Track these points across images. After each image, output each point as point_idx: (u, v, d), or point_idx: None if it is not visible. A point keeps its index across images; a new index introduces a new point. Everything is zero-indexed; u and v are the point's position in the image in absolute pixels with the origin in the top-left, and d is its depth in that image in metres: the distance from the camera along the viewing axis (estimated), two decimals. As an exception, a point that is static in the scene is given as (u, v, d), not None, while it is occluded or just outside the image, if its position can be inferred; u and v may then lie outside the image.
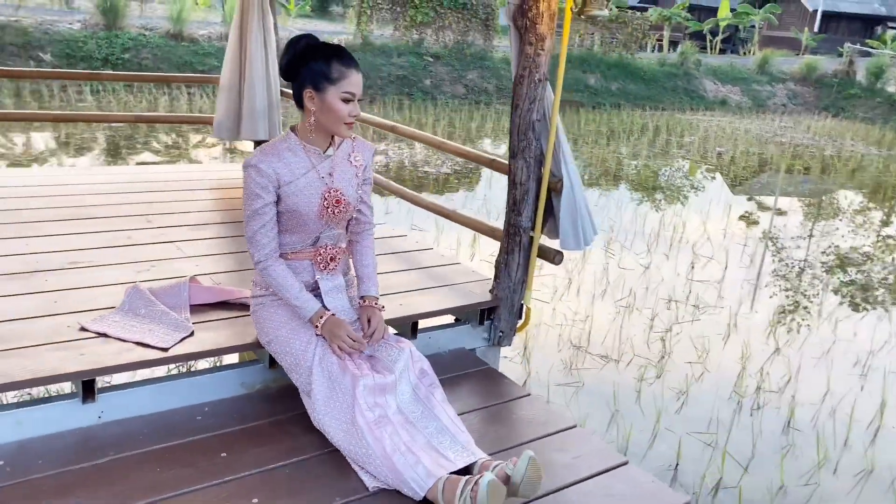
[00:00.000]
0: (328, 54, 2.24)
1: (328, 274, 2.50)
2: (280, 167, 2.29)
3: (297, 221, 2.37)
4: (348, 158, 2.49)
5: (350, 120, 2.30)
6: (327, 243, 2.48)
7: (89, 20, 16.72)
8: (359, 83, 2.29)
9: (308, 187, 2.34)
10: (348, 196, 2.44)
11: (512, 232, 3.15)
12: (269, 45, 5.00)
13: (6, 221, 3.62)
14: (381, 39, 20.12)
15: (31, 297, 2.76)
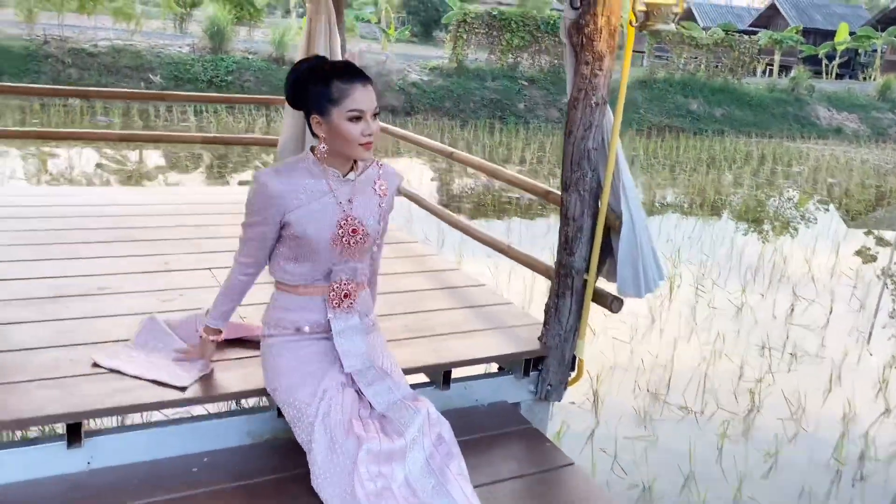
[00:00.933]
0: (327, 75, 2.03)
1: (341, 312, 2.24)
2: (289, 191, 2.09)
3: (307, 249, 2.14)
4: (373, 186, 2.25)
5: (364, 140, 2.07)
6: (342, 277, 2.21)
7: (197, 44, 17.49)
8: (366, 98, 2.04)
9: (322, 212, 2.12)
10: (368, 226, 2.19)
11: (563, 273, 2.80)
12: (335, 67, 4.85)
13: (44, 242, 3.58)
14: (475, 63, 20.06)
15: (46, 325, 2.64)
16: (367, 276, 2.36)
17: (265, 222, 2.12)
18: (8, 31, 15.99)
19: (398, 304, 3.20)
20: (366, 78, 2.06)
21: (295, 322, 2.23)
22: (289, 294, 2.24)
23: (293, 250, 2.17)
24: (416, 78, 18.43)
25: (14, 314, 2.71)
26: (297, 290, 2.23)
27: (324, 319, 2.24)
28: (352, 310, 2.26)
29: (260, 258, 2.23)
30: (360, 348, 2.24)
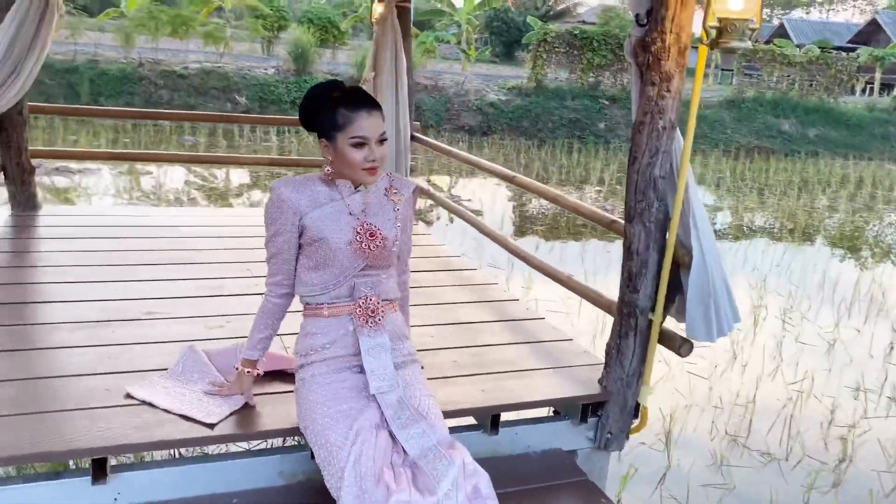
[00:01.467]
0: (334, 102, 2.06)
1: (370, 330, 2.14)
2: (301, 197, 2.13)
3: (326, 253, 2.11)
4: (385, 193, 2.23)
5: (367, 165, 2.08)
6: (366, 293, 2.16)
7: (282, 66, 17.97)
8: (370, 125, 2.06)
9: (336, 215, 2.13)
10: (385, 231, 2.15)
11: (626, 312, 2.57)
12: (401, 89, 4.77)
13: (102, 263, 3.60)
14: (555, 83, 19.82)
15: (88, 350, 2.61)
16: (395, 296, 2.27)
17: (284, 231, 2.12)
18: (107, 55, 16.86)
19: (449, 337, 3.04)
20: (372, 105, 2.08)
21: (323, 346, 2.14)
22: (315, 318, 2.18)
23: (312, 258, 2.14)
24: (494, 97, 18.34)
25: (61, 338, 2.69)
26: (323, 313, 2.16)
27: (352, 340, 2.14)
28: (379, 327, 2.16)
29: (288, 275, 2.19)
30: (388, 368, 2.12)
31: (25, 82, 3.89)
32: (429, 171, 12.67)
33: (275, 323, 2.27)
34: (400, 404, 2.08)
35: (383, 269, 2.21)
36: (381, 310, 2.17)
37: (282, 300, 2.23)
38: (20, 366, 2.45)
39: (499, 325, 3.24)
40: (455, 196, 10.58)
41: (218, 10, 22.36)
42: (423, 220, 8.30)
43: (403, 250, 2.33)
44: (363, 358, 2.11)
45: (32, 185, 4.32)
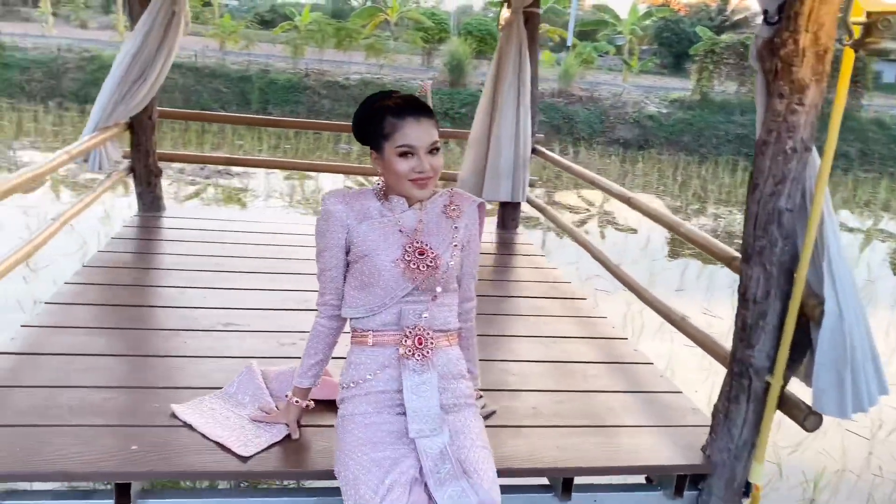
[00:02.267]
0: (381, 110, 1.90)
1: (416, 364, 1.90)
2: (350, 211, 1.97)
3: (371, 271, 1.92)
4: (443, 210, 2.02)
5: (415, 176, 1.89)
6: (415, 322, 1.92)
7: (438, 77, 18.18)
8: (417, 133, 1.87)
9: (384, 231, 1.95)
10: (437, 250, 1.94)
11: (738, 371, 2.12)
12: (524, 98, 4.48)
13: (194, 268, 3.58)
14: (722, 96, 18.57)
15: (157, 362, 2.54)
16: (452, 328, 2.02)
17: (332, 245, 1.97)
18: (277, 65, 17.87)
19: (531, 378, 2.70)
20: (422, 112, 1.89)
21: (365, 379, 1.93)
22: (360, 347, 1.98)
23: (358, 276, 1.95)
24: (654, 110, 17.46)
25: (137, 345, 2.65)
26: (368, 341, 1.95)
27: (397, 374, 1.91)
28: (427, 362, 1.91)
29: (337, 294, 2.03)
30: (432, 409, 1.86)
31: (152, 87, 4.02)
32: (575, 185, 12.21)
33: (326, 349, 2.09)
34: (442, 455, 1.81)
35: (438, 295, 1.96)
36: (432, 342, 1.93)
37: (331, 322, 2.06)
38: (73, 372, 2.42)
39: (598, 367, 2.86)
40: (607, 213, 10.06)
41: (384, 24, 23.14)
42: (525, 235, 7.92)
43: (465, 274, 2.09)
44: (405, 396, 1.87)
45: (158, 187, 4.47)
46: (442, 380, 1.95)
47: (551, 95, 17.37)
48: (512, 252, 4.47)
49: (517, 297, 3.63)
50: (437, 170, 1.92)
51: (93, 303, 3.01)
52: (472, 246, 2.08)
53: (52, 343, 2.60)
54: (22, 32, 19.65)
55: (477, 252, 2.11)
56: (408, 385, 1.88)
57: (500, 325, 3.21)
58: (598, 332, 3.24)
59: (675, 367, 4.48)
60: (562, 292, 3.74)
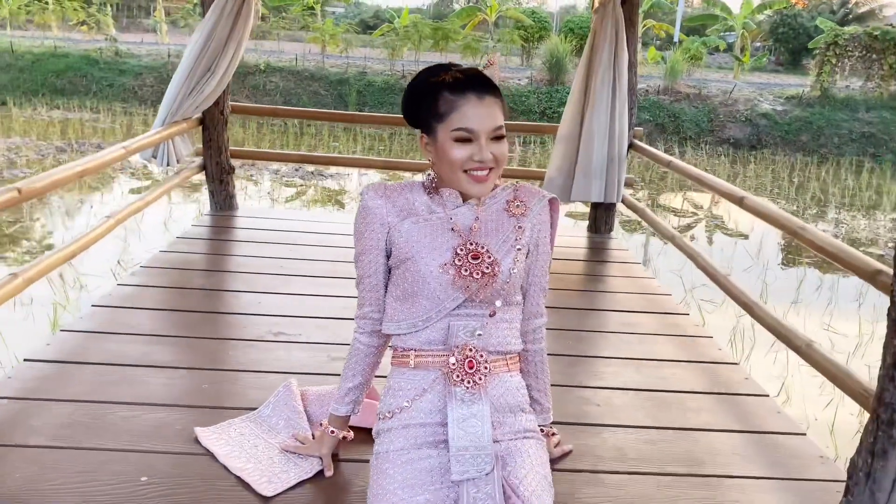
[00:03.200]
0: (437, 85, 1.56)
1: (465, 392, 1.54)
2: (392, 206, 1.65)
3: (415, 278, 1.59)
4: (505, 207, 1.68)
5: (473, 166, 1.55)
6: (465, 340, 1.57)
7: (536, 76, 17.72)
8: (480, 115, 1.53)
9: (432, 230, 1.61)
10: (496, 254, 1.59)
11: (886, 419, 1.63)
12: (619, 88, 4.02)
13: (253, 270, 3.35)
14: (846, 91, 17.14)
15: (186, 374, 2.29)
16: (513, 349, 1.66)
17: (371, 248, 1.66)
18: (374, 67, 17.92)
19: (618, 410, 2.27)
20: (486, 89, 1.55)
21: (403, 407, 1.60)
22: (401, 369, 1.64)
23: (400, 284, 1.63)
24: (768, 108, 16.30)
25: (175, 356, 2.42)
26: (409, 361, 1.62)
27: (440, 403, 1.56)
28: (479, 391, 1.54)
29: (377, 306, 1.70)
30: (483, 448, 1.49)
31: (222, 80, 3.84)
32: (680, 187, 11.46)
33: (367, 370, 1.77)
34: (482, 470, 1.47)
35: (497, 310, 1.60)
36: (486, 366, 1.57)
37: (372, 339, 1.73)
38: (102, 384, 2.20)
39: (701, 399, 2.40)
40: (716, 217, 9.33)
41: (482, 24, 22.84)
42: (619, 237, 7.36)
43: (532, 285, 1.71)
44: (449, 431, 1.51)
45: (231, 185, 4.30)
46: (496, 413, 1.59)
47: (656, 93, 16.55)
48: (603, 259, 4.01)
49: (606, 310, 3.20)
50: (501, 161, 1.57)
51: (140, 306, 2.81)
52: (542, 251, 1.70)
53: (86, 352, 2.40)
54: (139, 41, 20.67)
55: (547, 259, 1.72)
56: (453, 418, 1.52)
57: (584, 344, 2.79)
58: (703, 354, 2.77)
59: (791, 392, 3.90)
60: (660, 306, 3.27)
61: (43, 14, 19.62)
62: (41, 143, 11.70)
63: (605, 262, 3.96)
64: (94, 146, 11.40)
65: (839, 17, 28.62)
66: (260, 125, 15.06)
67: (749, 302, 2.77)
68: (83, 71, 17.12)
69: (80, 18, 19.57)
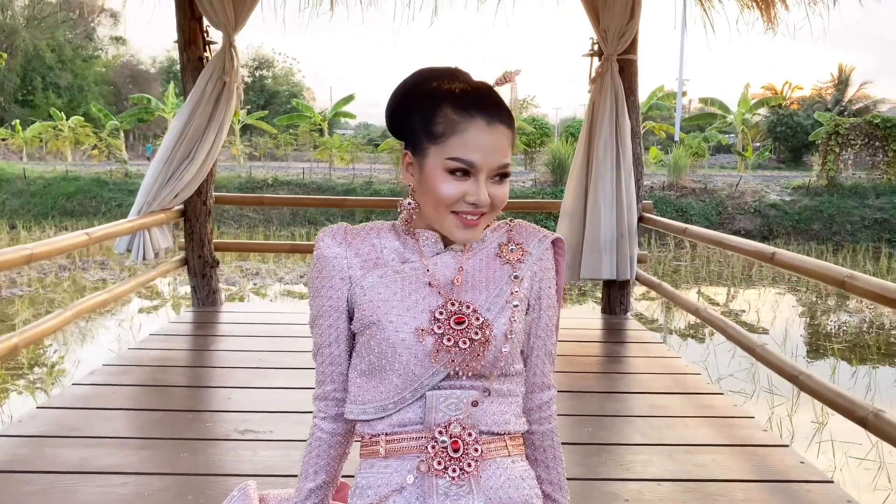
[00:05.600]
0: (439, 95, 1.20)
1: (450, 485, 1.17)
2: (355, 252, 1.28)
3: (384, 350, 1.21)
4: (497, 253, 1.28)
5: (465, 209, 1.19)
6: (448, 416, 1.20)
7: (540, 178, 17.86)
8: (485, 145, 1.17)
9: (404, 285, 1.24)
10: (485, 315, 1.21)
11: None
12: (624, 158, 3.78)
13: (225, 364, 3.02)
14: (852, 179, 17.08)
15: (130, 481, 1.90)
16: (511, 429, 1.26)
17: (329, 310, 1.28)
18: (380, 177, 18.15)
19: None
20: (499, 116, 1.19)
21: None
22: (370, 461, 1.25)
23: (364, 356, 1.24)
24: (776, 198, 16.20)
25: (125, 462, 2.04)
26: (379, 449, 1.23)
27: (418, 499, 1.18)
28: (467, 482, 1.17)
29: (341, 383, 1.31)
30: None
31: (202, 167, 3.62)
32: (694, 278, 11.11)
33: (331, 464, 1.35)
34: None
35: (491, 387, 1.23)
36: (477, 447, 1.19)
37: (336, 426, 1.32)
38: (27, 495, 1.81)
39: (749, 487, 1.97)
40: (734, 311, 8.90)
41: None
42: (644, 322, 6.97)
43: (536, 349, 1.32)
44: None
45: (214, 279, 4.01)
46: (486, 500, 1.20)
47: (661, 188, 16.54)
48: (621, 339, 3.63)
49: (628, 393, 2.80)
50: (499, 204, 1.21)
51: (89, 406, 2.45)
52: (545, 304, 1.31)
53: (14, 459, 2.03)
54: (148, 163, 21.15)
55: (553, 314, 1.32)
56: None
57: (605, 431, 2.39)
58: (745, 437, 2.35)
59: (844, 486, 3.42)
60: (690, 386, 2.87)
61: (56, 140, 20.20)
62: (45, 263, 11.61)
63: (623, 342, 3.57)
64: (98, 263, 11.30)
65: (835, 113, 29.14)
66: (267, 237, 15.03)
67: (795, 372, 2.38)
68: (93, 193, 17.37)
69: (92, 143, 20.12)
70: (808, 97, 32.08)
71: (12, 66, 31.23)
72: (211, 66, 3.57)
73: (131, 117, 23.45)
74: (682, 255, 13.56)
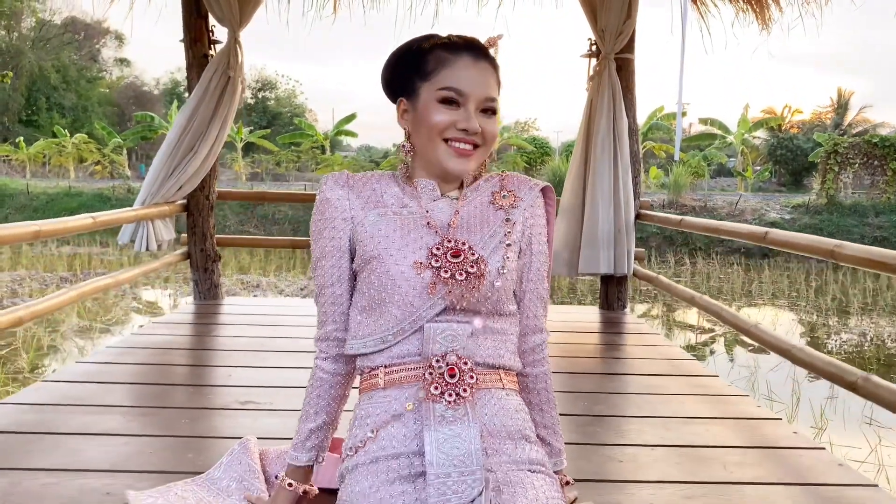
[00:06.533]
0: (430, 45, 1.33)
1: (446, 409, 1.21)
2: (357, 195, 1.37)
3: (385, 283, 1.28)
4: (490, 200, 1.38)
5: (457, 135, 1.29)
6: (445, 347, 1.25)
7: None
8: (473, 76, 1.29)
9: (403, 225, 1.32)
10: (480, 251, 1.30)
11: None
12: (621, 155, 3.84)
13: (227, 348, 3.06)
14: (852, 198, 17.17)
15: (131, 440, 1.94)
16: (507, 365, 1.34)
17: (332, 251, 1.36)
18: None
19: (651, 468, 1.88)
20: (483, 55, 1.33)
21: (368, 437, 1.27)
22: (369, 393, 1.31)
23: (364, 292, 1.32)
24: (776, 216, 16.28)
25: (127, 426, 2.07)
26: (378, 381, 1.29)
27: (416, 428, 1.23)
28: (463, 405, 1.22)
29: (342, 323, 1.38)
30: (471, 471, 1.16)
31: (206, 161, 3.69)
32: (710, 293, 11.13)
33: (332, 405, 1.42)
34: None
35: (483, 318, 1.29)
36: (472, 374, 1.24)
37: (337, 366, 1.39)
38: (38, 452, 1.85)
39: (743, 452, 2.00)
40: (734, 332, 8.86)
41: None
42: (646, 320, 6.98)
43: (528, 292, 1.39)
44: (426, 453, 1.18)
45: (216, 273, 4.05)
46: (490, 438, 1.24)
47: (661, 207, 16.62)
48: (619, 331, 3.66)
49: (627, 374, 2.83)
50: (489, 139, 1.31)
51: (90, 380, 2.49)
52: (536, 250, 1.39)
53: (37, 423, 2.07)
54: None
55: (544, 260, 1.40)
56: (432, 440, 1.18)
57: (602, 405, 2.41)
58: (740, 412, 2.37)
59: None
60: (686, 370, 2.90)
61: (59, 157, 20.36)
62: (46, 274, 11.66)
63: (621, 333, 3.60)
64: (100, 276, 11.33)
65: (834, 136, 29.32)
66: (267, 252, 15.06)
67: (787, 346, 2.41)
68: (95, 209, 17.45)
69: (95, 159, 20.29)
70: (807, 121, 32.30)
71: (17, 87, 31.57)
72: (216, 60, 3.65)
73: (135, 135, 23.69)
74: (682, 271, 13.59)
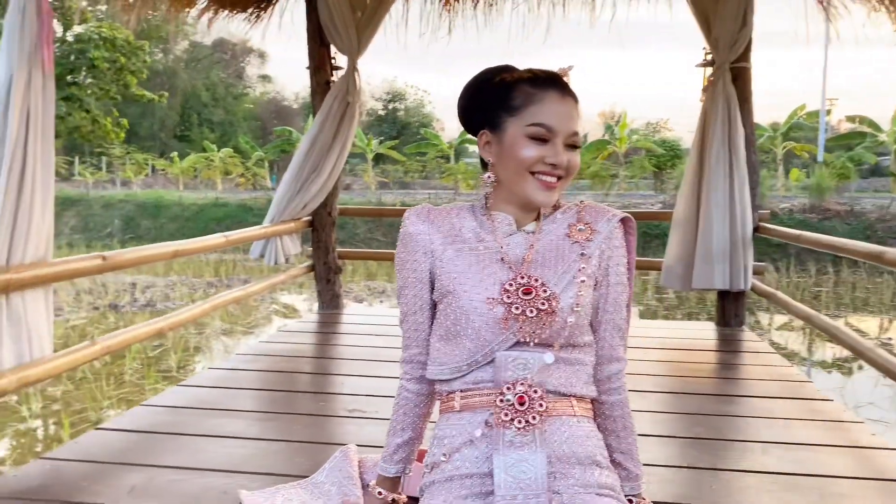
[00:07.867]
0: (514, 79, 1.39)
1: (515, 434, 1.29)
2: (436, 229, 1.45)
3: (459, 317, 1.37)
4: (566, 232, 1.42)
5: (545, 169, 1.35)
6: (516, 376, 1.32)
7: (669, 200, 17.38)
8: (560, 113, 1.35)
9: (478, 260, 1.40)
10: (553, 287, 1.35)
11: None
12: (737, 167, 3.73)
13: (342, 357, 3.22)
14: None
15: (248, 443, 2.14)
16: (577, 392, 1.38)
17: (414, 282, 1.47)
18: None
19: (742, 494, 1.85)
20: (568, 91, 1.38)
21: (442, 459, 1.37)
22: (447, 415, 1.41)
23: (442, 323, 1.42)
24: (934, 221, 14.89)
25: (245, 430, 2.29)
26: (454, 404, 1.39)
27: (488, 451, 1.32)
28: (532, 434, 1.29)
29: (425, 347, 1.49)
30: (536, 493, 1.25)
31: (328, 180, 3.94)
32: (836, 305, 10.42)
33: (416, 422, 1.52)
34: None
35: (557, 350, 1.35)
36: (542, 402, 1.31)
37: (421, 386, 1.50)
38: (164, 452, 2.09)
39: (846, 483, 1.92)
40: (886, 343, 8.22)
41: (613, 155, 23.05)
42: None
43: (604, 322, 1.43)
44: (495, 477, 1.26)
45: (337, 285, 4.31)
46: (558, 463, 1.30)
47: (801, 211, 15.65)
48: (734, 349, 3.55)
49: (735, 395, 2.76)
50: (572, 171, 1.38)
51: (219, 385, 2.76)
52: (614, 281, 1.42)
53: (167, 424, 2.33)
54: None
55: (623, 290, 1.43)
56: (500, 464, 1.26)
57: (704, 426, 2.38)
58: (851, 440, 2.26)
59: None
60: (799, 393, 2.78)
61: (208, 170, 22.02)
62: (195, 279, 12.65)
63: (736, 352, 3.49)
64: (242, 280, 12.17)
65: None
66: (394, 259, 15.54)
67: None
68: (239, 218, 18.75)
69: (240, 172, 21.80)
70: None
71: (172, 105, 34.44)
72: (336, 87, 3.89)
73: (275, 148, 25.27)
74: (824, 280, 12.74)
